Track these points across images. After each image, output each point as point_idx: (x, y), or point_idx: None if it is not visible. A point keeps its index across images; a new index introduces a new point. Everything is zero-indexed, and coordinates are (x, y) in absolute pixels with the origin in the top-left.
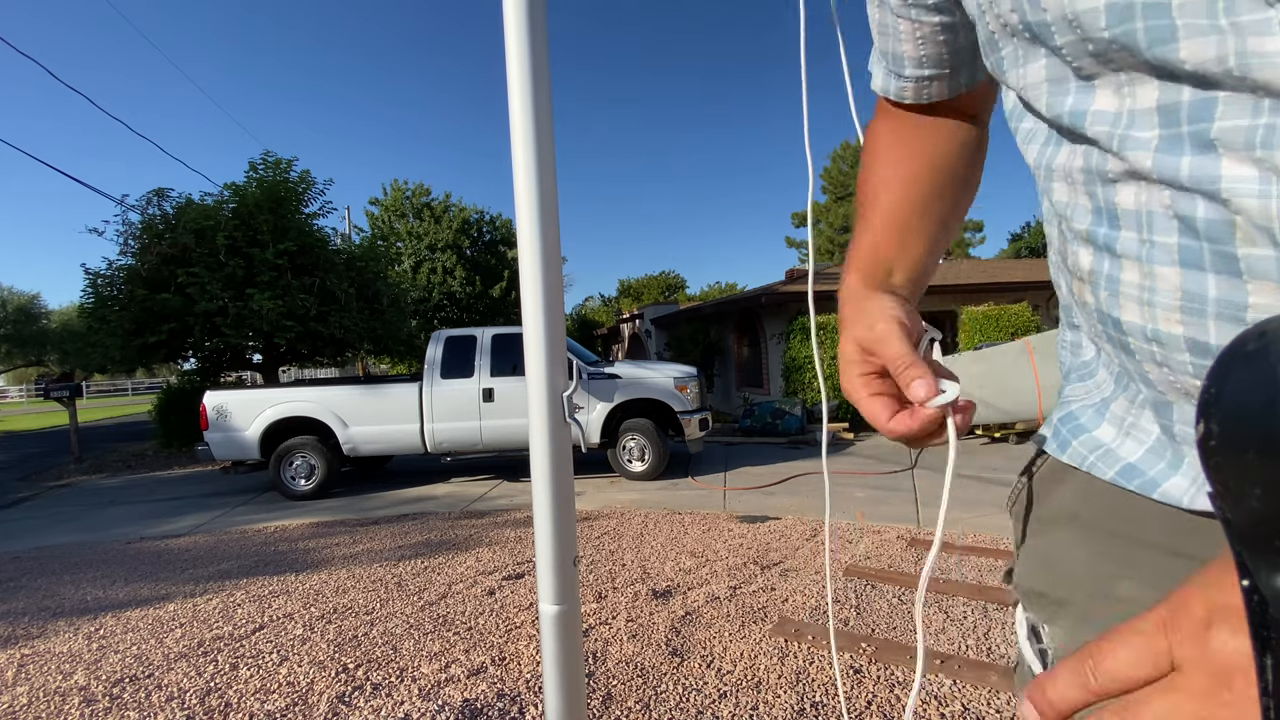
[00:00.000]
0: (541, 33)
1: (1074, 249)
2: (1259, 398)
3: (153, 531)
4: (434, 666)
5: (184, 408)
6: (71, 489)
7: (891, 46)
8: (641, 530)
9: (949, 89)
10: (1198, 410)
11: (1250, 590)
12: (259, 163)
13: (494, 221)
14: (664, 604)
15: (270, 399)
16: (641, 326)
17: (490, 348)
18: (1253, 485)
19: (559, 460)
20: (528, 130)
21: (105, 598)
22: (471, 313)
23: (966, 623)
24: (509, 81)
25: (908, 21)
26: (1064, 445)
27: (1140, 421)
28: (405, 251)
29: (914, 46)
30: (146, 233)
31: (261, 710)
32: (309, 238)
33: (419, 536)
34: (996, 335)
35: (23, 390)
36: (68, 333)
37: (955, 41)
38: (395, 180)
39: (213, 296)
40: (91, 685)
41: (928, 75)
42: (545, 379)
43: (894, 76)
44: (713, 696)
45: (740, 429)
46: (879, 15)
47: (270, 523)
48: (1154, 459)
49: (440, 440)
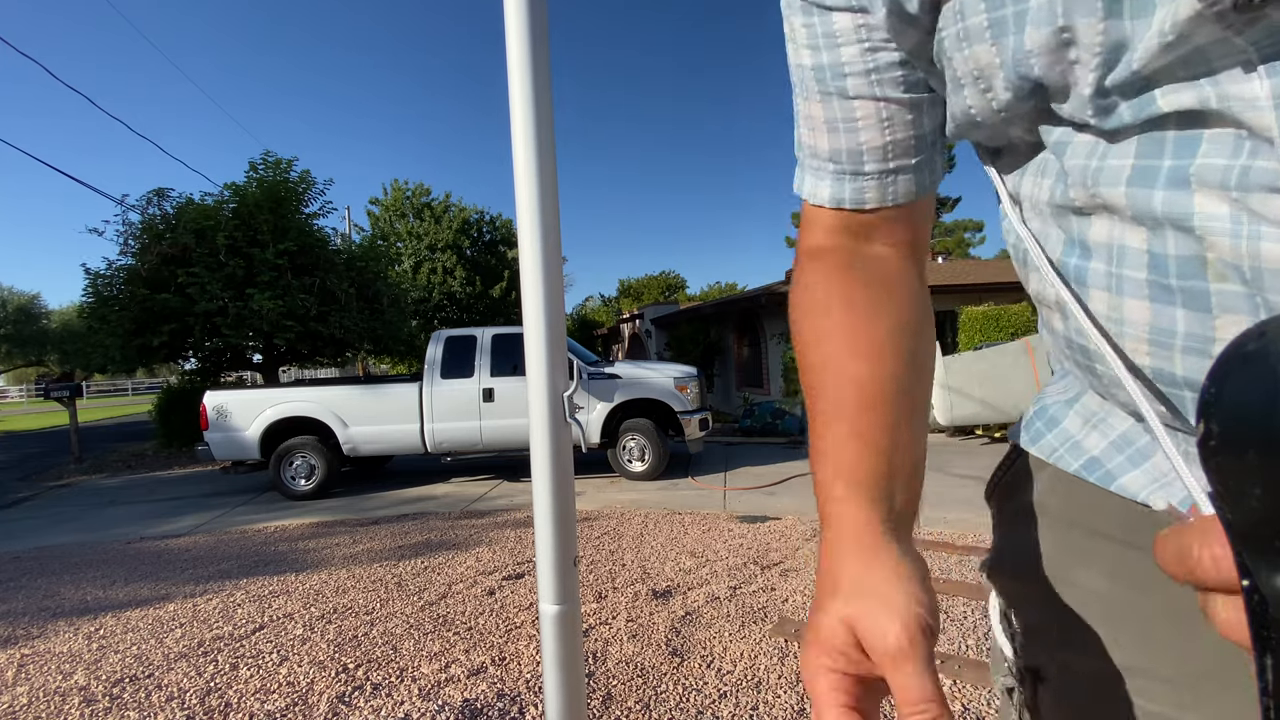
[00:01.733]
0: (542, 33)
1: (1042, 275)
2: (1259, 398)
3: (153, 531)
4: (434, 666)
5: (184, 408)
6: (71, 489)
7: (846, 143)
8: (641, 530)
9: (916, 187)
10: (1197, 410)
11: (1250, 590)
12: (259, 162)
13: (494, 221)
14: (664, 604)
15: (270, 399)
16: (641, 326)
17: (490, 348)
18: (1253, 485)
19: (559, 460)
20: (528, 130)
21: (105, 598)
22: (471, 313)
23: (967, 623)
24: (510, 82)
25: (873, 103)
26: (1036, 437)
27: (1109, 418)
28: (405, 251)
29: (879, 133)
30: (146, 233)
31: (261, 710)
32: (309, 238)
33: (419, 536)
34: (996, 335)
35: (23, 390)
36: (68, 333)
37: (920, 125)
38: (395, 180)
39: (213, 296)
40: (91, 685)
41: (893, 168)
42: (545, 379)
43: (849, 178)
44: (713, 696)
45: (740, 429)
46: (823, 112)
47: (270, 523)
48: (1114, 453)
49: (440, 440)
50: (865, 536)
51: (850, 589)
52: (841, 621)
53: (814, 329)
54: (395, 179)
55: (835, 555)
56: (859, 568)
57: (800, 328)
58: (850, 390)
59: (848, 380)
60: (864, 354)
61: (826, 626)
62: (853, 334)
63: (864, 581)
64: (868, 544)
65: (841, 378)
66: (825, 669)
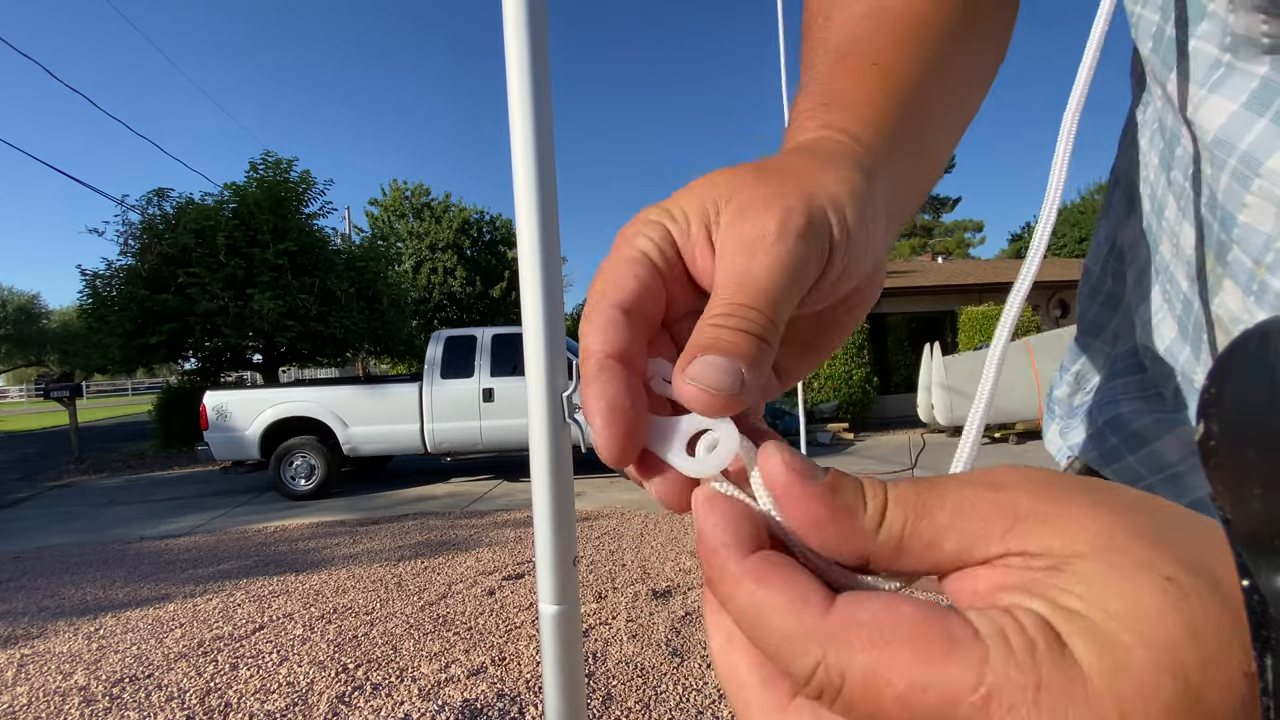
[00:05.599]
0: (542, 31)
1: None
2: (1259, 398)
3: (153, 531)
4: (434, 666)
5: (184, 408)
6: (71, 489)
7: None
8: (641, 530)
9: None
10: (1197, 411)
11: (1250, 590)
12: (259, 163)
13: (494, 221)
14: (664, 604)
15: (270, 399)
16: None
17: (490, 348)
18: (1253, 485)
19: (559, 460)
20: (528, 129)
21: (105, 598)
22: (471, 313)
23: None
24: (509, 80)
25: None
26: (1111, 456)
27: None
28: (405, 251)
29: None
30: (146, 233)
31: (261, 710)
32: (309, 238)
33: (419, 536)
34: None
35: (23, 390)
36: (68, 333)
37: None
38: (395, 180)
39: (213, 296)
40: (91, 685)
41: None
42: (545, 379)
43: None
44: (713, 696)
45: None
46: None
47: (270, 523)
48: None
49: (440, 440)
50: (795, 136)
51: (712, 183)
52: (667, 215)
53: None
54: (395, 179)
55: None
56: (766, 169)
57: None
58: (881, 18)
59: (884, 8)
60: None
61: (676, 203)
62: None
63: (769, 165)
64: (797, 147)
65: (873, 3)
66: (631, 241)
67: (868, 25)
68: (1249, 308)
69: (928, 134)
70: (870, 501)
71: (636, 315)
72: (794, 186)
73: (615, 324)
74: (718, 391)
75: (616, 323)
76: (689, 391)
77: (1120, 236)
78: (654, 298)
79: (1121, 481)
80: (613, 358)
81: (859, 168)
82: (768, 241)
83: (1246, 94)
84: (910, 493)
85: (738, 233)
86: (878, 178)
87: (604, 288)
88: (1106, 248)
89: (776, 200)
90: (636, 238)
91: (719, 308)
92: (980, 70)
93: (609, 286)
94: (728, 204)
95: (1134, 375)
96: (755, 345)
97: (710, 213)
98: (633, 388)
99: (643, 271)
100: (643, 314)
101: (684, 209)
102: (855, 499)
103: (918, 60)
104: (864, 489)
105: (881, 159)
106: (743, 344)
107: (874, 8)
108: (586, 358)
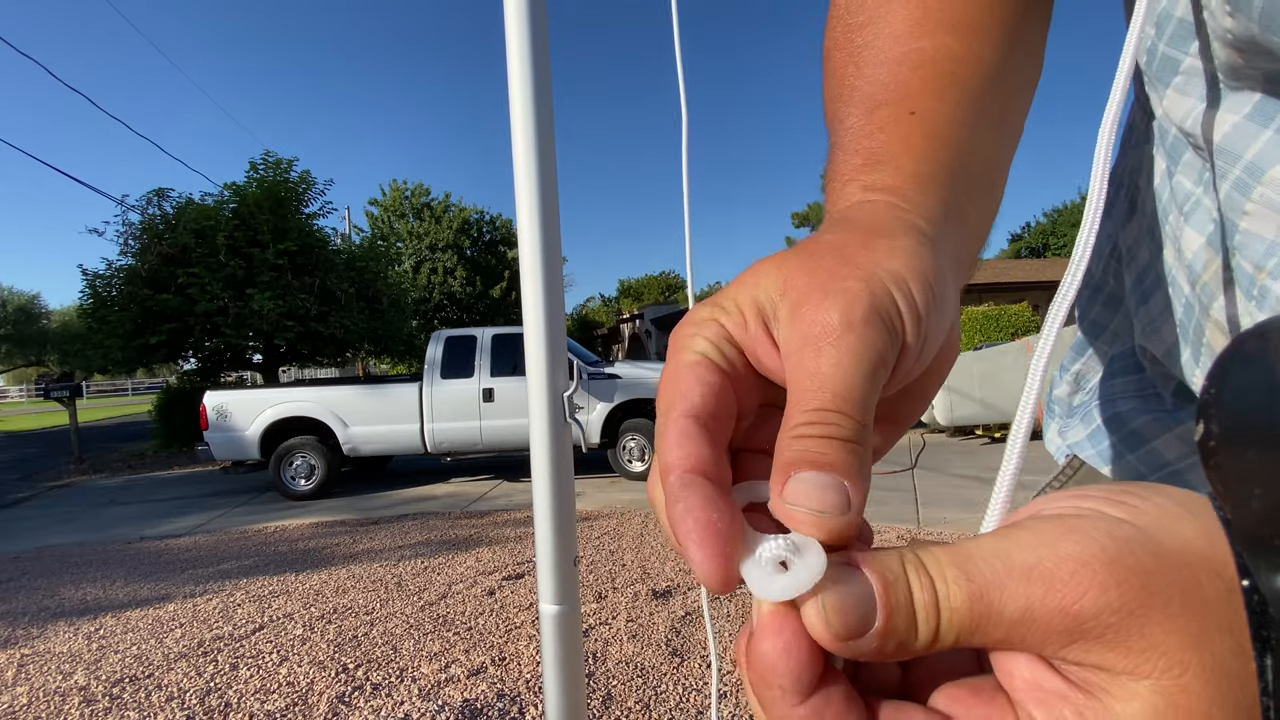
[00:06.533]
0: (543, 33)
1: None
2: (1259, 398)
3: (153, 531)
4: (434, 667)
5: (184, 408)
6: (71, 489)
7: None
8: (641, 530)
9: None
10: (1197, 411)
11: (1250, 590)
12: (259, 163)
13: (494, 221)
14: (664, 604)
15: (270, 399)
16: (642, 327)
17: (490, 348)
18: (1253, 485)
19: (559, 460)
20: (528, 130)
21: (105, 598)
22: (471, 313)
23: None
24: (510, 81)
25: None
26: (1109, 456)
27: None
28: (405, 251)
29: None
30: (146, 233)
31: (261, 710)
32: (309, 238)
33: (419, 536)
34: (996, 335)
35: (23, 390)
36: (68, 333)
37: None
38: (395, 180)
39: (213, 297)
40: (91, 685)
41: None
42: (545, 379)
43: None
44: (713, 696)
45: None
46: None
47: (270, 523)
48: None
49: (440, 440)
50: (849, 205)
51: (800, 253)
52: (752, 304)
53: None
54: (395, 179)
55: (823, 230)
56: (837, 244)
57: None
58: (915, 60)
59: (917, 51)
60: (950, 25)
61: (727, 297)
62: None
63: (826, 246)
64: (853, 217)
65: (905, 46)
66: (687, 345)
67: (901, 70)
68: (1250, 312)
69: (979, 171)
70: (922, 627)
71: (709, 420)
72: (850, 269)
73: (691, 435)
74: (823, 513)
75: (692, 433)
76: (795, 517)
77: (1122, 238)
78: (724, 400)
79: (1121, 480)
80: (693, 472)
81: (913, 232)
82: (835, 334)
83: (1250, 106)
84: (964, 606)
85: (801, 330)
86: (934, 235)
87: (671, 398)
88: (1108, 249)
89: (834, 286)
90: (693, 339)
91: (798, 416)
92: (1024, 88)
93: (675, 396)
94: (783, 298)
95: (1133, 375)
96: (848, 451)
97: (766, 309)
98: (723, 503)
99: (706, 374)
100: (715, 418)
101: (736, 303)
102: (909, 631)
103: (958, 103)
104: (916, 615)
105: (935, 214)
106: (833, 453)
107: (906, 51)
108: (667, 473)
